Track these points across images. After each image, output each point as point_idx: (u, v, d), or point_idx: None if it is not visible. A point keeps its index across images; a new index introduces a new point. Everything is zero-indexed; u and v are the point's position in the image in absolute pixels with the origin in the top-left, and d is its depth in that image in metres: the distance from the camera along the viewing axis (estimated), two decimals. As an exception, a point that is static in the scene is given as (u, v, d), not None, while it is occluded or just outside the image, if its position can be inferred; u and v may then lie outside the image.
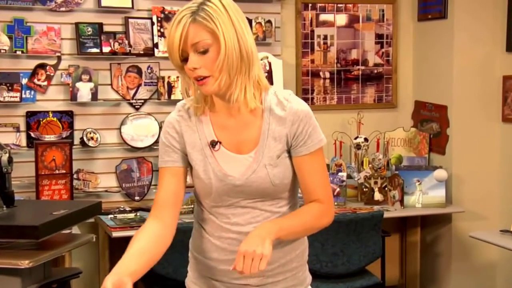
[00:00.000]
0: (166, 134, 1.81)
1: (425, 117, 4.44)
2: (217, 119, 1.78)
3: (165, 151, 1.81)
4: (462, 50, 4.16)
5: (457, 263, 4.24)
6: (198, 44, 1.65)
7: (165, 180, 1.80)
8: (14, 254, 2.24)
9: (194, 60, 1.66)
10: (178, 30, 1.65)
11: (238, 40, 1.67)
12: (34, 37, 3.76)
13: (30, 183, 3.70)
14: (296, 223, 1.76)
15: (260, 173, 1.75)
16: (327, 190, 1.83)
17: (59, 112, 3.85)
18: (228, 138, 1.78)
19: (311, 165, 1.78)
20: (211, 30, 1.64)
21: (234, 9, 1.70)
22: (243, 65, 1.69)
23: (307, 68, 4.37)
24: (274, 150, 1.76)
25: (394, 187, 4.06)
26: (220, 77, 1.67)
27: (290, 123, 1.75)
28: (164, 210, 1.78)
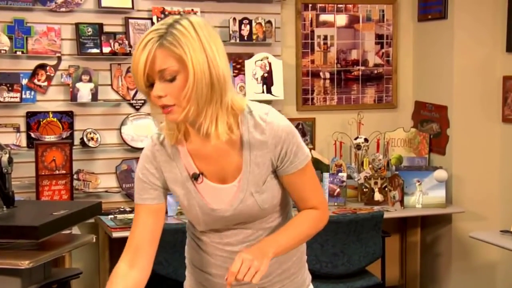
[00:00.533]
0: (144, 170, 1.70)
1: (425, 118, 4.44)
2: (194, 148, 1.67)
3: (143, 188, 1.70)
4: (462, 51, 4.16)
5: (457, 263, 4.24)
6: (164, 71, 1.52)
7: (141, 218, 1.70)
8: (14, 254, 2.24)
9: (159, 88, 1.53)
10: (143, 55, 1.51)
11: (209, 67, 1.53)
12: (34, 38, 3.76)
13: (30, 184, 3.70)
14: (293, 235, 1.71)
15: (248, 201, 1.67)
16: (320, 196, 1.78)
17: (59, 112, 3.85)
18: (209, 167, 1.67)
19: (302, 180, 1.71)
20: (178, 57, 1.51)
21: (206, 32, 1.55)
22: (214, 94, 1.55)
23: (307, 68, 4.37)
24: (259, 177, 1.67)
25: (394, 188, 4.06)
26: (188, 107, 1.54)
27: (272, 146, 1.65)
28: (139, 253, 1.69)
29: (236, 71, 4.13)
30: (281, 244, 1.67)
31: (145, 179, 1.70)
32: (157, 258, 3.63)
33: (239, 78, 4.12)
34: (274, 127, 1.65)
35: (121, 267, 1.68)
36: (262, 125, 1.64)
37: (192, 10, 4.04)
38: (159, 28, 1.54)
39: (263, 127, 1.64)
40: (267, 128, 1.64)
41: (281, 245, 1.67)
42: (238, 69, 4.14)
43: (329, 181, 4.08)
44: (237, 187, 1.68)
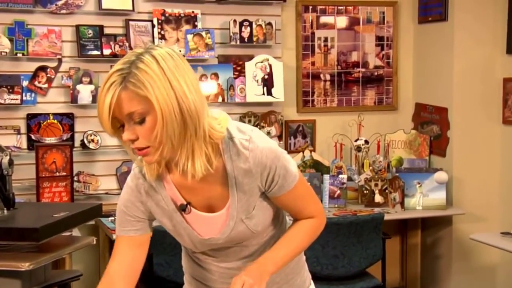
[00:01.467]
0: (128, 202, 1.65)
1: (425, 119, 4.44)
2: (178, 179, 1.60)
3: (126, 220, 1.65)
4: (463, 52, 4.16)
5: (457, 265, 4.24)
6: (132, 115, 1.44)
7: (120, 251, 1.64)
8: (15, 256, 2.24)
9: (130, 132, 1.45)
10: (107, 99, 1.43)
11: (178, 102, 1.44)
12: (35, 40, 3.76)
13: (31, 186, 3.70)
14: (290, 250, 1.68)
15: (239, 228, 1.63)
16: (315, 204, 1.73)
17: (60, 114, 3.85)
18: (196, 197, 1.62)
19: (294, 198, 1.66)
20: (144, 98, 1.42)
21: (171, 64, 1.46)
22: (187, 129, 1.47)
23: (307, 70, 4.38)
24: (247, 204, 1.62)
25: (395, 189, 4.06)
26: (161, 148, 1.47)
27: (258, 174, 1.58)
28: (115, 286, 1.62)
29: (237, 73, 4.14)
30: (278, 262, 1.64)
31: (129, 212, 1.65)
32: (158, 260, 3.64)
33: (239, 80, 4.12)
34: (257, 155, 1.57)
35: None
36: (245, 153, 1.57)
37: (192, 12, 4.05)
38: (122, 68, 1.46)
39: (246, 155, 1.57)
40: (250, 156, 1.57)
41: (278, 262, 1.64)
42: (239, 71, 4.14)
43: (329, 183, 4.07)
44: (226, 215, 1.63)
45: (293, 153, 4.23)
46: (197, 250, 1.72)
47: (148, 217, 1.67)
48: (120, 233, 1.67)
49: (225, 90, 4.11)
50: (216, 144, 1.56)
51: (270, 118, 4.22)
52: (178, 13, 4.03)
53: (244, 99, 4.11)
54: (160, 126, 1.44)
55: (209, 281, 1.76)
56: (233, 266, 1.71)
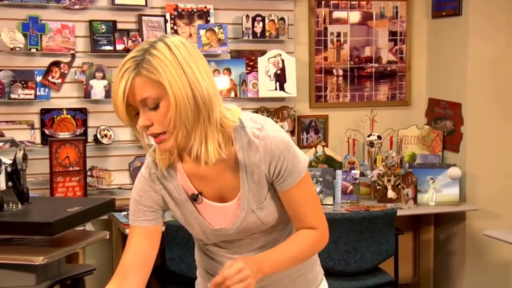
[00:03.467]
0: (141, 192, 1.66)
1: (439, 115, 4.42)
2: (190, 168, 1.62)
3: (139, 210, 1.66)
4: (477, 47, 4.13)
5: (471, 262, 4.21)
6: (146, 100, 1.47)
7: (135, 241, 1.65)
8: (29, 250, 2.25)
9: (144, 118, 1.49)
10: (121, 86, 1.47)
11: (191, 88, 1.47)
12: (49, 35, 3.78)
13: (45, 180, 3.72)
14: (291, 256, 1.65)
15: (250, 219, 1.64)
16: (319, 216, 1.69)
17: (73, 109, 3.86)
18: (207, 186, 1.63)
19: (297, 197, 1.64)
20: (158, 83, 1.46)
21: (184, 52, 1.49)
22: (200, 115, 1.49)
23: (320, 65, 4.36)
24: (258, 194, 1.62)
25: (408, 185, 4.05)
26: (175, 132, 1.49)
27: (267, 164, 1.59)
28: (128, 279, 1.63)
29: (249, 68, 4.13)
30: (275, 265, 1.62)
31: (143, 202, 1.66)
32: (170, 255, 3.65)
33: (252, 75, 4.11)
34: (267, 144, 1.58)
35: None
36: (256, 142, 1.58)
37: (205, 7, 4.05)
38: (136, 55, 1.50)
39: (256, 144, 1.58)
40: (261, 145, 1.58)
41: (275, 265, 1.62)
42: (251, 66, 4.14)
43: (342, 179, 4.07)
44: (237, 205, 1.63)
45: (305, 148, 4.22)
46: (209, 242, 1.72)
47: (161, 207, 1.68)
48: (134, 223, 1.68)
49: (237, 85, 4.11)
50: (227, 133, 1.57)
51: (283, 113, 4.21)
52: (191, 8, 4.03)
53: (257, 94, 4.11)
54: (173, 111, 1.47)
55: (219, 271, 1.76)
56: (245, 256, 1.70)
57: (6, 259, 2.24)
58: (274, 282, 1.75)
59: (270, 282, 1.75)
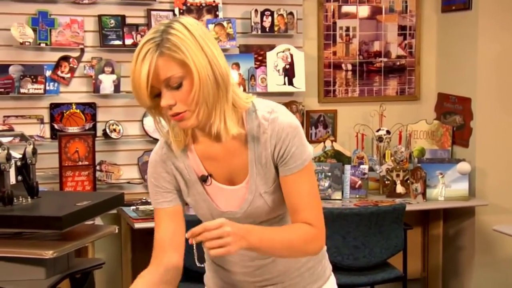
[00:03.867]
0: (155, 174, 1.69)
1: (448, 110, 4.40)
2: (202, 149, 1.66)
3: (157, 192, 1.70)
4: (487, 42, 4.10)
5: (480, 257, 4.20)
6: (170, 79, 1.49)
7: (162, 223, 1.69)
8: (39, 244, 2.26)
9: (168, 97, 1.51)
10: (145, 67, 1.48)
11: (211, 66, 1.51)
12: (58, 30, 3.79)
13: (54, 175, 3.74)
14: (279, 239, 1.60)
15: (257, 203, 1.65)
16: (317, 213, 1.65)
17: (82, 104, 3.88)
18: (217, 169, 1.66)
19: (296, 186, 1.62)
20: (181, 62, 1.49)
21: (200, 32, 1.53)
22: (220, 92, 1.54)
23: (329, 60, 4.35)
24: (266, 177, 1.64)
25: (417, 180, 4.04)
26: (198, 110, 1.52)
27: (272, 146, 1.61)
28: (165, 253, 1.67)
29: (258, 63, 4.13)
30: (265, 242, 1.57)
31: (157, 183, 1.69)
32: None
33: (260, 70, 4.11)
34: (275, 126, 1.60)
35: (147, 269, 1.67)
36: (265, 124, 1.61)
37: (213, 1, 4.04)
38: (154, 36, 1.51)
39: (265, 126, 1.61)
40: (269, 128, 1.61)
41: (265, 243, 1.57)
42: (260, 60, 4.13)
43: (350, 173, 4.06)
44: (246, 188, 1.65)
45: (314, 143, 4.22)
46: None
47: (176, 188, 1.70)
48: (155, 206, 1.71)
49: (246, 80, 4.10)
50: (240, 114, 1.61)
51: (291, 108, 4.21)
52: (199, 3, 4.02)
53: (266, 89, 4.10)
54: (197, 89, 1.50)
55: (228, 264, 1.77)
56: None
57: (16, 253, 2.25)
58: (283, 275, 1.76)
59: (277, 275, 1.75)
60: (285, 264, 1.74)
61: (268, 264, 1.74)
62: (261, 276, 1.75)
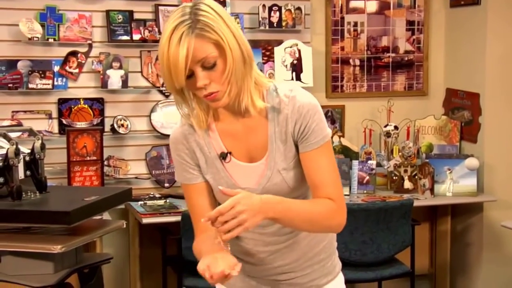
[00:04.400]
0: (177, 151, 1.73)
1: (456, 105, 4.38)
2: (222, 127, 1.70)
3: (184, 169, 1.73)
4: (495, 37, 4.08)
5: (488, 253, 4.19)
6: (205, 60, 1.54)
7: (194, 196, 1.73)
8: (47, 239, 2.27)
9: (203, 77, 1.55)
10: (182, 50, 1.51)
11: (239, 44, 1.57)
12: (66, 25, 3.80)
13: (62, 170, 3.75)
14: (304, 211, 1.63)
15: (275, 179, 1.68)
16: (337, 188, 1.70)
17: (90, 99, 3.88)
18: (237, 146, 1.70)
19: (317, 162, 1.67)
20: (215, 42, 1.54)
21: (224, 12, 1.59)
22: (246, 69, 1.60)
23: (337, 55, 4.34)
24: (285, 153, 1.67)
25: (424, 176, 4.03)
26: (229, 88, 1.58)
27: (293, 122, 1.65)
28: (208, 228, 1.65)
29: (266, 58, 4.12)
30: (283, 214, 1.58)
31: (182, 159, 1.73)
32: (187, 244, 3.66)
33: (268, 65, 4.10)
34: (296, 103, 1.65)
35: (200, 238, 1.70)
36: (285, 101, 1.66)
37: (221, -3, 4.04)
38: (184, 19, 1.54)
39: (285, 103, 1.66)
40: (290, 104, 1.66)
41: (283, 214, 1.58)
42: (268, 56, 4.13)
43: (358, 169, 4.05)
44: (265, 165, 1.68)
45: (322, 138, 4.20)
46: None
47: (197, 165, 1.73)
48: (184, 181, 1.75)
49: (254, 75, 4.09)
50: (261, 92, 1.66)
51: (299, 103, 4.20)
52: (207, -2, 4.01)
53: (273, 84, 4.09)
54: (230, 67, 1.56)
55: (240, 251, 1.78)
56: (267, 232, 1.72)
57: (24, 247, 2.26)
58: (295, 263, 1.77)
59: (289, 263, 1.76)
60: (298, 251, 1.76)
61: (282, 249, 1.75)
62: (273, 263, 1.77)
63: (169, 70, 1.54)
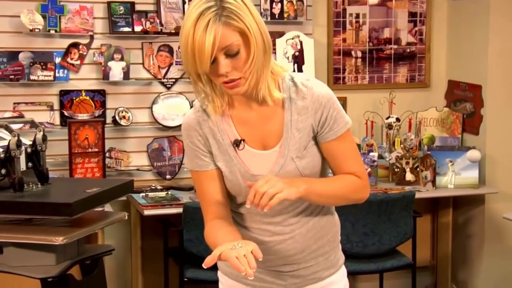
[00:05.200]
0: (190, 138, 1.74)
1: (458, 97, 4.37)
2: (237, 114, 1.71)
3: (195, 155, 1.74)
4: (499, 29, 4.07)
5: (489, 245, 4.19)
6: (229, 47, 1.55)
7: (205, 184, 1.74)
8: (49, 230, 2.27)
9: (225, 64, 1.56)
10: (209, 37, 1.52)
11: (261, 33, 1.59)
12: (67, 16, 3.79)
13: (64, 161, 3.75)
14: (331, 187, 1.70)
15: (288, 167, 1.70)
16: (361, 166, 1.77)
17: (92, 91, 3.88)
18: (251, 134, 1.71)
19: (341, 148, 1.71)
20: (241, 30, 1.56)
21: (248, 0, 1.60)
22: (266, 58, 1.62)
23: (338, 47, 4.33)
24: (299, 142, 1.69)
25: (426, 168, 4.02)
26: (250, 77, 1.59)
27: (313, 111, 1.68)
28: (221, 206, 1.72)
29: (267, 50, 4.11)
30: (315, 188, 1.65)
31: (194, 146, 1.73)
32: (188, 236, 3.67)
33: (270, 57, 4.09)
34: (315, 93, 1.68)
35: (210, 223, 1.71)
36: (304, 90, 1.68)
37: (223, -12, 4.02)
38: (210, 6, 1.54)
39: (304, 92, 1.68)
40: (308, 94, 1.68)
41: (315, 188, 1.65)
42: (269, 47, 4.11)
43: (360, 161, 4.05)
44: (278, 152, 1.70)
45: (323, 130, 4.20)
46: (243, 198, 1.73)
47: (209, 151, 1.74)
48: (195, 168, 1.75)
49: (255, 67, 4.09)
50: (276, 81, 1.68)
51: (301, 95, 4.19)
52: (209, -10, 4.00)
53: (275, 76, 4.09)
54: (253, 56, 1.57)
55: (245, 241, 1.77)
56: (275, 221, 1.73)
57: (26, 239, 2.26)
58: (299, 254, 1.77)
59: (294, 254, 1.77)
60: (303, 243, 1.77)
61: (287, 240, 1.76)
62: (278, 253, 1.77)
63: (193, 55, 1.54)
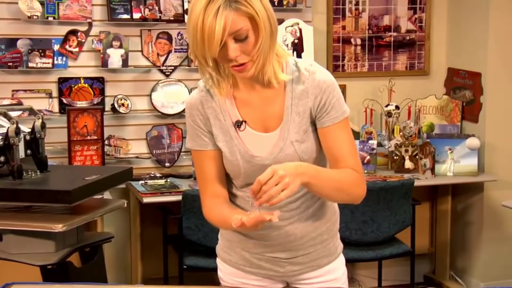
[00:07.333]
0: (192, 117, 1.76)
1: (458, 85, 4.37)
2: (240, 96, 1.74)
3: (196, 134, 1.77)
4: (498, 17, 4.06)
5: (488, 233, 4.20)
6: (239, 32, 1.58)
7: (204, 163, 1.76)
8: (48, 218, 2.28)
9: (234, 49, 1.59)
10: (220, 22, 1.55)
11: (268, 17, 1.61)
12: (66, 3, 3.77)
13: (63, 149, 3.75)
14: (332, 177, 1.69)
15: (288, 150, 1.71)
16: (357, 160, 1.75)
17: (91, 78, 3.87)
18: (252, 115, 1.73)
19: (337, 135, 1.72)
20: (250, 15, 1.58)
21: None
22: (272, 41, 1.64)
23: (338, 34, 4.32)
24: (299, 126, 1.71)
25: (425, 155, 4.03)
26: (258, 61, 1.62)
27: (313, 96, 1.70)
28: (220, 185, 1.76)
29: (267, 37, 4.10)
30: (319, 176, 1.64)
31: (196, 125, 1.76)
32: (187, 224, 3.67)
33: (269, 44, 4.08)
34: (316, 78, 1.70)
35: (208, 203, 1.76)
36: (306, 75, 1.70)
37: (222, -25, 4.00)
38: None
39: (306, 76, 1.70)
40: (310, 78, 1.70)
41: (319, 177, 1.64)
42: (269, 35, 4.10)
43: (359, 149, 4.05)
44: (278, 135, 1.72)
45: (322, 118, 4.20)
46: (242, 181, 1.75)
47: (210, 131, 1.76)
48: (195, 147, 1.78)
49: (254, 54, 4.08)
50: (280, 63, 1.70)
51: (300, 83, 4.19)
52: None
53: (274, 63, 4.08)
54: (261, 40, 1.60)
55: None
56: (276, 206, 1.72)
57: (26, 226, 2.27)
58: (298, 241, 1.78)
59: (293, 240, 1.77)
60: (302, 229, 1.78)
61: (286, 226, 1.77)
62: (276, 239, 1.78)
63: (202, 40, 1.56)
